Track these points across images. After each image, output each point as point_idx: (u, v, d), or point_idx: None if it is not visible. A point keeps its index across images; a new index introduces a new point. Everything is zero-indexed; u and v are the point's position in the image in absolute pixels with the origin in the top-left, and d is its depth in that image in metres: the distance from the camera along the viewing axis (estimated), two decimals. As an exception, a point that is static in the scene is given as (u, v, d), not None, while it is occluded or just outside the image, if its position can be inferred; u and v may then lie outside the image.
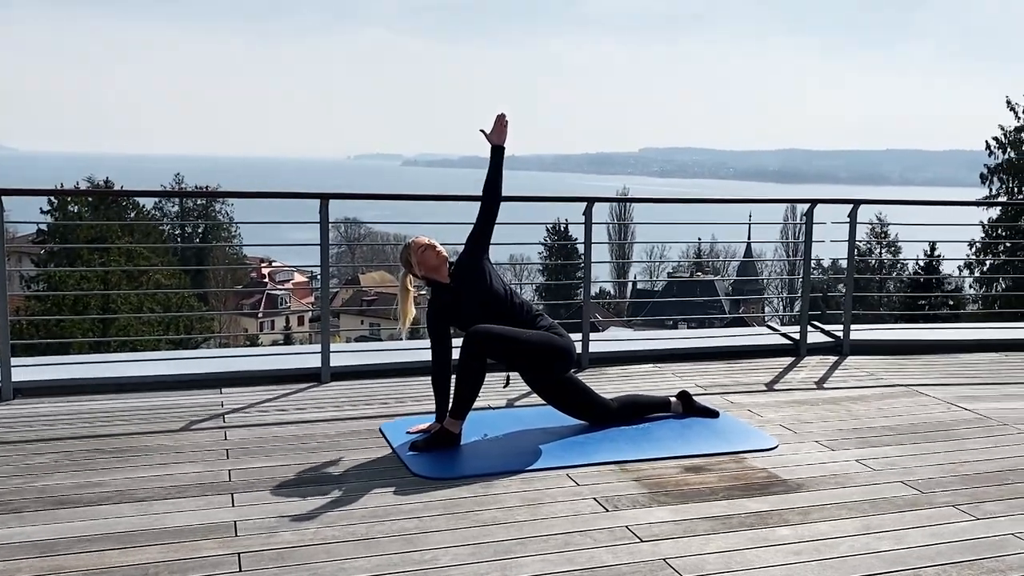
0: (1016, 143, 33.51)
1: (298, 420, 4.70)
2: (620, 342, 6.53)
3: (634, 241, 53.63)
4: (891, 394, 5.45)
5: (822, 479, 3.92)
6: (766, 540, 3.25)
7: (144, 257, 28.85)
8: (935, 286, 29.62)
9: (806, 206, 6.45)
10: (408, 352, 5.90)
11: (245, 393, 5.18)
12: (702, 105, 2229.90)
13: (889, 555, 3.13)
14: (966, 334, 7.32)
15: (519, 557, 3.07)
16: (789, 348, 6.56)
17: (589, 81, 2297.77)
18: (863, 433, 4.62)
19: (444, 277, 4.38)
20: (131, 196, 38.79)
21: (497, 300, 4.33)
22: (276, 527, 3.29)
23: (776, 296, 40.79)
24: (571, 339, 4.48)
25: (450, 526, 3.33)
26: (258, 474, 3.86)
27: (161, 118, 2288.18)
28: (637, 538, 3.24)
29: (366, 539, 3.20)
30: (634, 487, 3.77)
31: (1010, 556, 3.14)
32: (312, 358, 5.57)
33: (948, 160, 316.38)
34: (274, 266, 43.51)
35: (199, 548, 3.10)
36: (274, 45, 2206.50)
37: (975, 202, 10.98)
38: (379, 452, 4.19)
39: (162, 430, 4.48)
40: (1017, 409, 5.14)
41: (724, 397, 5.29)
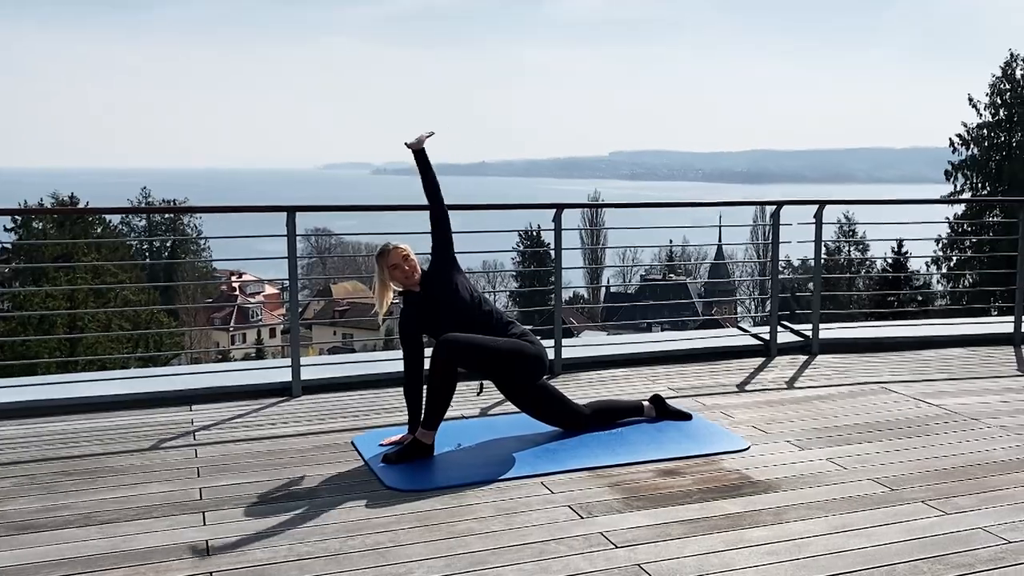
0: (979, 139, 34.08)
1: (269, 435, 4.65)
2: (592, 347, 6.54)
3: (606, 246, 53.81)
4: (860, 392, 5.50)
5: (794, 479, 3.94)
6: (741, 541, 3.26)
7: (112, 274, 28.50)
8: (904, 283, 29.96)
9: (773, 208, 6.51)
10: (379, 364, 5.87)
11: (215, 409, 5.12)
12: (670, 108, 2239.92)
13: (862, 553, 3.15)
14: (934, 330, 7.40)
15: (494, 567, 3.05)
16: (759, 349, 6.60)
17: (557, 86, 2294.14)
18: (833, 432, 4.66)
19: (415, 286, 4.36)
20: (96, 214, 38.37)
21: (466, 309, 4.32)
22: (248, 545, 3.25)
23: (748, 297, 41.09)
24: (543, 346, 4.48)
25: (423, 538, 3.31)
26: (229, 492, 3.81)
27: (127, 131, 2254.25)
28: (612, 544, 3.24)
29: (339, 554, 3.17)
30: (608, 493, 3.77)
31: (980, 550, 3.17)
32: (283, 372, 5.53)
33: (913, 158, 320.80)
34: (244, 279, 43.20)
35: (169, 569, 3.05)
36: (242, 56, 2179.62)
37: (939, 200, 11.12)
38: (351, 465, 4.16)
39: (130, 450, 4.42)
40: (985, 404, 5.21)
41: (696, 399, 5.31)
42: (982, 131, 34.14)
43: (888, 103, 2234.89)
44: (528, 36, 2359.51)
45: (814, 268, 6.72)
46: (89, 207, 26.23)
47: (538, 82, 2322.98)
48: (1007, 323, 7.29)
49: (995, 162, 33.78)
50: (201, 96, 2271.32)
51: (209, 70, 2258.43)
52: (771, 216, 6.46)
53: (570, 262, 53.80)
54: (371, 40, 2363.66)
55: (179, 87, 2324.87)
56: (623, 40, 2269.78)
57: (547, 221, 6.17)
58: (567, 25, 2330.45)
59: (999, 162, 33.66)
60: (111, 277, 28.20)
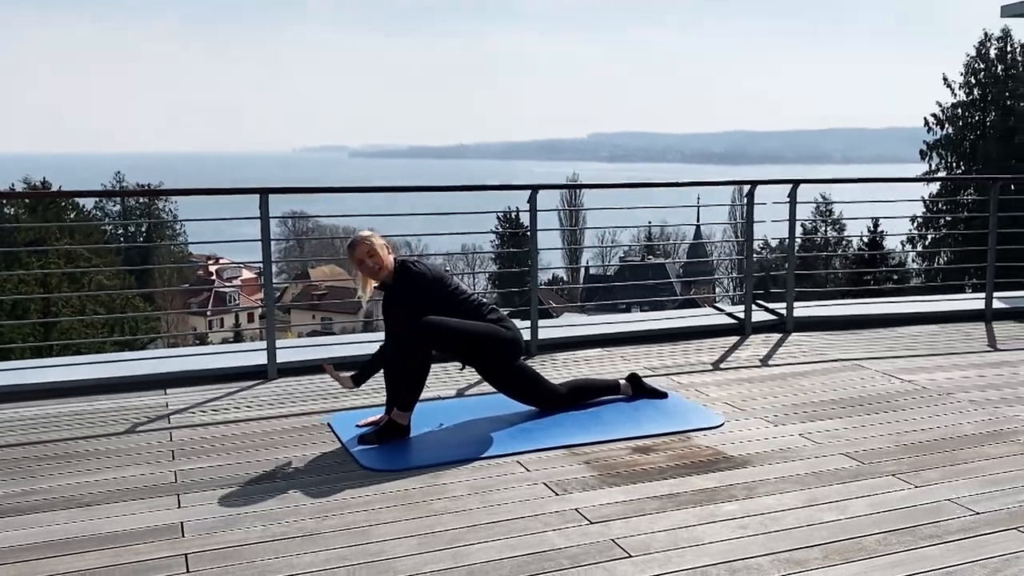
0: (953, 119, 34.33)
1: (245, 418, 4.64)
2: (568, 327, 6.56)
3: (585, 227, 53.88)
4: (834, 369, 5.56)
5: (767, 454, 3.98)
6: (713, 516, 3.30)
7: (85, 259, 28.21)
8: (879, 262, 30.23)
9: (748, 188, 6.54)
10: (356, 346, 5.86)
11: (190, 393, 5.10)
12: (648, 90, 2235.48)
13: (833, 525, 3.20)
14: (906, 308, 7.49)
15: (470, 544, 3.07)
16: (735, 328, 6.65)
17: (535, 68, 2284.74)
18: (807, 408, 4.71)
19: (388, 278, 4.35)
20: (69, 197, 37.91)
21: (441, 303, 4.28)
22: (223, 526, 3.25)
23: (726, 276, 41.34)
24: (518, 331, 4.49)
25: (400, 517, 3.32)
26: (204, 474, 3.81)
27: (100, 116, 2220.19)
28: (587, 520, 3.27)
29: (315, 534, 3.18)
30: (584, 470, 3.80)
31: (947, 521, 3.22)
32: (258, 355, 5.51)
33: (889, 138, 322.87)
34: (221, 263, 42.91)
35: (145, 551, 3.05)
36: (215, 39, 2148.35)
37: (911, 179, 11.21)
38: (328, 447, 4.16)
39: (105, 433, 4.40)
40: (954, 379, 5.28)
41: (671, 378, 5.34)
42: (956, 111, 34.40)
43: (865, 84, 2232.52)
44: (506, 18, 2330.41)
45: (788, 247, 6.77)
46: (61, 191, 25.93)
47: (516, 64, 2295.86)
48: (979, 300, 7.38)
49: (969, 141, 34.08)
50: (174, 80, 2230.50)
51: (181, 54, 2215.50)
52: (745, 196, 6.49)
53: (549, 244, 53.83)
54: (346, 24, 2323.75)
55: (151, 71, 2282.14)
56: (602, 22, 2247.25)
57: (525, 203, 6.19)
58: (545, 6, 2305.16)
59: (973, 141, 33.96)
60: (84, 262, 27.93)
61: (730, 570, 2.86)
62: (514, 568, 2.89)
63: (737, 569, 2.87)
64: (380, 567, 2.91)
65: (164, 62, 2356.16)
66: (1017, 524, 3.19)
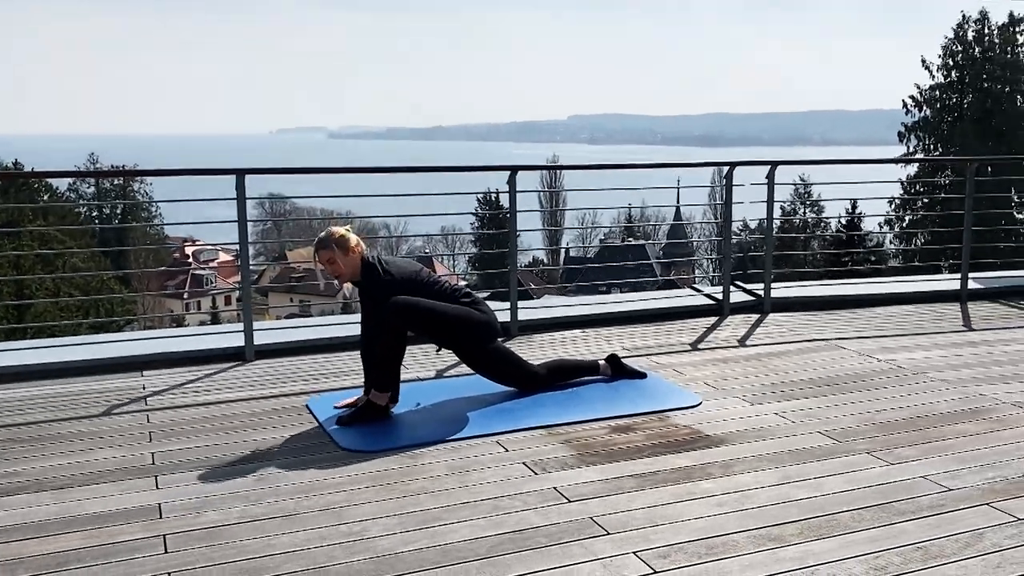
0: (931, 101, 34.52)
1: (222, 400, 4.62)
2: (547, 309, 6.56)
3: (565, 209, 53.85)
4: (810, 348, 5.60)
5: (743, 433, 4.01)
6: (690, 494, 3.32)
7: (59, 240, 27.89)
8: (858, 243, 30.46)
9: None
10: (334, 327, 5.85)
11: (167, 375, 5.07)
12: (629, 72, 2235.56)
13: (807, 502, 3.23)
14: (883, 288, 7.55)
15: (447, 524, 3.08)
16: (713, 308, 6.68)
17: (514, 49, 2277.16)
18: (783, 387, 4.74)
19: (356, 277, 4.33)
20: (42, 178, 37.45)
21: (414, 291, 4.26)
22: (202, 507, 3.24)
23: (706, 258, 41.49)
24: (493, 314, 4.49)
25: (378, 497, 3.32)
26: (182, 455, 3.79)
27: (73, 96, 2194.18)
28: (565, 498, 3.28)
29: (293, 515, 3.17)
30: (562, 450, 3.81)
31: (921, 497, 3.26)
32: (235, 337, 5.48)
33: (868, 120, 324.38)
34: (198, 245, 42.57)
35: (122, 532, 3.04)
36: (190, 17, 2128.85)
37: (887, 160, 11.26)
38: (306, 428, 4.15)
39: (81, 416, 4.36)
40: (929, 358, 5.33)
41: (650, 358, 5.36)
42: (935, 93, 34.60)
43: (844, 66, 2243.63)
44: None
45: (766, 228, 6.79)
46: (34, 171, 25.60)
47: (494, 45, 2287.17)
48: (954, 280, 7.45)
49: (947, 123, 34.31)
50: (148, 61, 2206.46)
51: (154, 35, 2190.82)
52: (724, 177, 6.50)
53: (529, 226, 53.81)
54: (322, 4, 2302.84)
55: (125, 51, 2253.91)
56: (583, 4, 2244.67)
57: (504, 184, 6.15)
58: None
59: (951, 123, 34.19)
60: (58, 244, 27.64)
61: (707, 547, 2.88)
62: (492, 546, 2.90)
63: (714, 546, 2.89)
64: (358, 547, 2.91)
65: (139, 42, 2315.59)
66: (989, 500, 3.23)
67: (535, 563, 2.78)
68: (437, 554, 2.85)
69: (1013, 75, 33.27)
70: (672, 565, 2.76)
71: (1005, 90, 33.39)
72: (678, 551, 2.86)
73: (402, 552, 2.87)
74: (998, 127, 32.29)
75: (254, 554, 2.87)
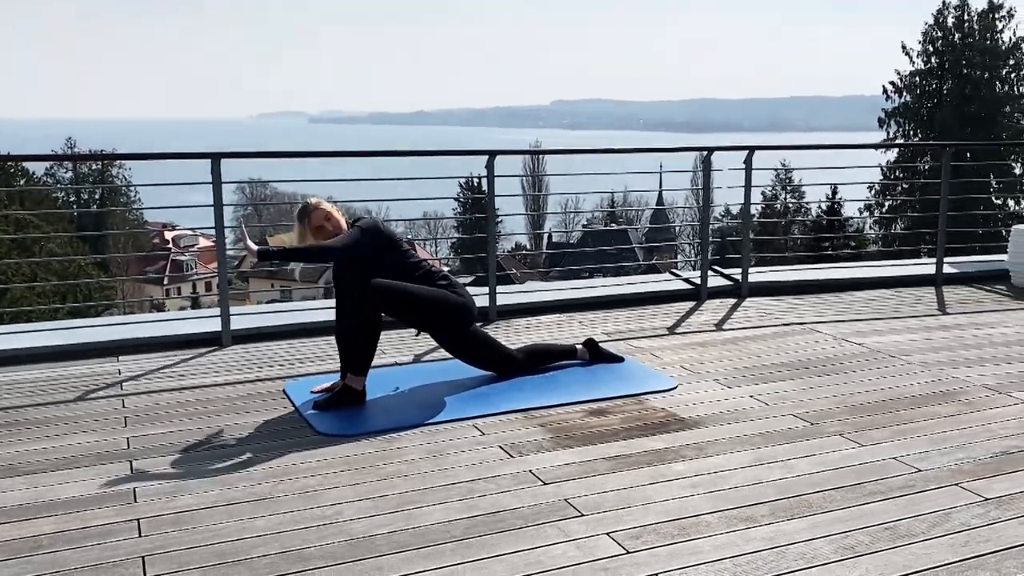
0: (911, 87, 34.68)
1: (198, 385, 4.61)
2: (527, 293, 6.57)
3: (548, 193, 53.84)
4: (786, 332, 5.64)
5: (718, 416, 4.04)
6: (663, 476, 3.35)
7: (35, 226, 27.60)
8: (837, 228, 30.63)
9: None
10: (311, 313, 5.84)
11: (143, 360, 5.05)
12: (612, 57, 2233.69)
13: (779, 484, 3.26)
14: (859, 273, 7.60)
15: (422, 507, 3.09)
16: (691, 293, 6.71)
17: (497, 33, 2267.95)
18: (758, 371, 4.78)
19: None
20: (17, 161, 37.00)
21: (392, 266, 4.26)
22: (176, 492, 3.24)
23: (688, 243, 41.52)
24: (470, 297, 4.49)
25: (352, 481, 3.33)
26: (157, 440, 3.78)
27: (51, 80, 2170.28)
28: (540, 481, 3.30)
29: (268, 498, 3.17)
30: (538, 433, 3.83)
31: (891, 479, 3.30)
32: (212, 322, 5.46)
33: (850, 106, 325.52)
34: (178, 231, 42.23)
35: (95, 517, 3.03)
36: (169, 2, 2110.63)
37: (866, 145, 11.32)
38: (282, 413, 4.15)
39: (55, 401, 4.34)
40: (903, 342, 5.38)
41: (627, 342, 5.38)
42: (914, 79, 34.77)
43: (826, 51, 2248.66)
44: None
45: (743, 214, 6.82)
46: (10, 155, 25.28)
47: (477, 28, 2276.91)
48: (930, 265, 7.52)
49: (927, 109, 34.50)
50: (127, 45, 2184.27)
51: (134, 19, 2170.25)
52: (702, 163, 6.52)
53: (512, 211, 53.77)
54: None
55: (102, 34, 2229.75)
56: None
57: (484, 170, 6.15)
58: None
59: (930, 109, 34.38)
60: (35, 229, 27.37)
61: (679, 527, 2.91)
62: (466, 528, 2.92)
63: (686, 526, 2.92)
64: (331, 530, 2.92)
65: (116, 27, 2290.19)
66: (958, 480, 3.28)
67: (509, 545, 2.80)
68: (411, 537, 2.86)
69: (992, 61, 33.49)
70: (644, 545, 2.79)
71: (984, 76, 33.60)
72: (650, 532, 2.88)
73: (376, 535, 2.88)
74: (976, 113, 32.50)
75: (228, 538, 2.87)
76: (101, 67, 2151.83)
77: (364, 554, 2.75)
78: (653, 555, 2.73)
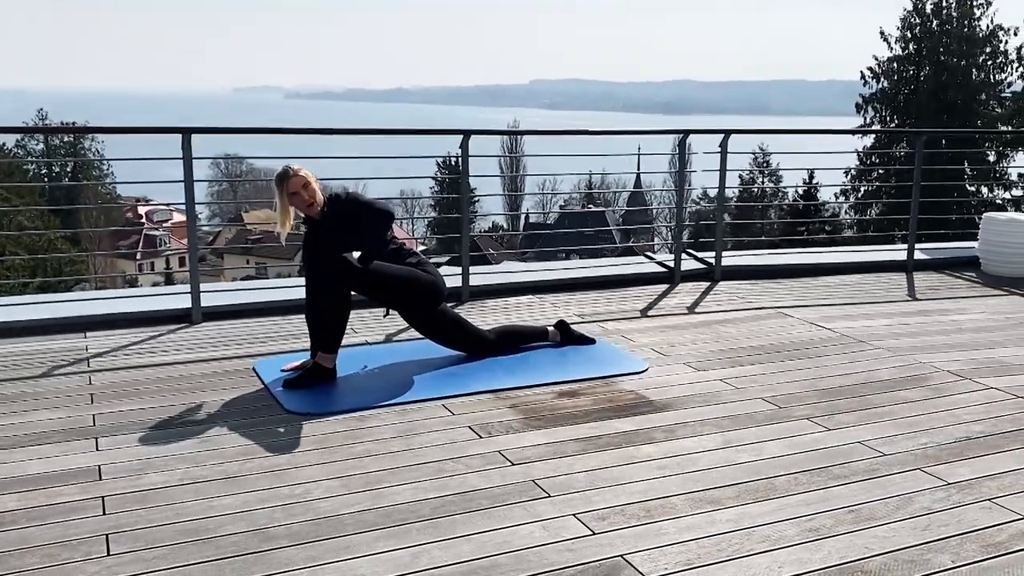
0: (889, 73, 34.80)
1: (168, 362, 4.57)
2: (500, 274, 6.57)
3: (525, 174, 53.71)
4: (758, 316, 5.67)
5: (688, 398, 4.06)
6: (632, 458, 3.36)
7: (3, 198, 27.18)
8: (813, 213, 30.80)
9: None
10: (282, 290, 5.80)
11: (112, 336, 5.00)
12: (592, 36, 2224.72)
13: (747, 466, 3.29)
14: (831, 258, 7.66)
15: (391, 486, 3.09)
16: (664, 276, 6.73)
17: (478, 11, 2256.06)
18: (730, 354, 4.81)
19: (316, 215, 4.28)
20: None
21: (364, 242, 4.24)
22: (143, 469, 3.21)
23: (665, 226, 41.70)
24: (440, 275, 4.48)
25: (321, 460, 3.32)
26: (124, 417, 3.75)
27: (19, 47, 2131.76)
28: (508, 461, 3.31)
29: (236, 476, 3.16)
30: (508, 414, 3.84)
31: (857, 462, 3.34)
32: (182, 298, 5.41)
33: (829, 90, 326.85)
34: (151, 205, 41.69)
35: (60, 494, 3.00)
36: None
37: (842, 131, 11.37)
38: (251, 391, 4.12)
39: (21, 376, 4.29)
40: (871, 327, 5.43)
41: (599, 324, 5.39)
42: (892, 65, 34.87)
43: (807, 35, 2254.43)
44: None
45: (718, 196, 6.84)
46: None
47: (457, 5, 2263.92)
48: (901, 251, 7.58)
49: (904, 95, 34.64)
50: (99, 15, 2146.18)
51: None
52: (678, 145, 6.52)
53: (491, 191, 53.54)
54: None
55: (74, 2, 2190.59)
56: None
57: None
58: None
59: (907, 95, 34.52)
60: (3, 202, 26.95)
61: (645, 509, 2.93)
62: (434, 508, 2.92)
63: (652, 508, 2.94)
64: (299, 508, 2.92)
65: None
66: (921, 464, 3.32)
67: (477, 525, 2.81)
68: (379, 516, 2.86)
69: (969, 49, 33.65)
70: (610, 527, 2.80)
71: (961, 64, 33.78)
72: (617, 513, 2.90)
73: (343, 514, 2.88)
74: (952, 100, 32.69)
75: (194, 516, 2.86)
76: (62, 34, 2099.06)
77: (331, 533, 2.75)
78: (619, 536, 2.75)
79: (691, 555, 2.64)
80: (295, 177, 4.20)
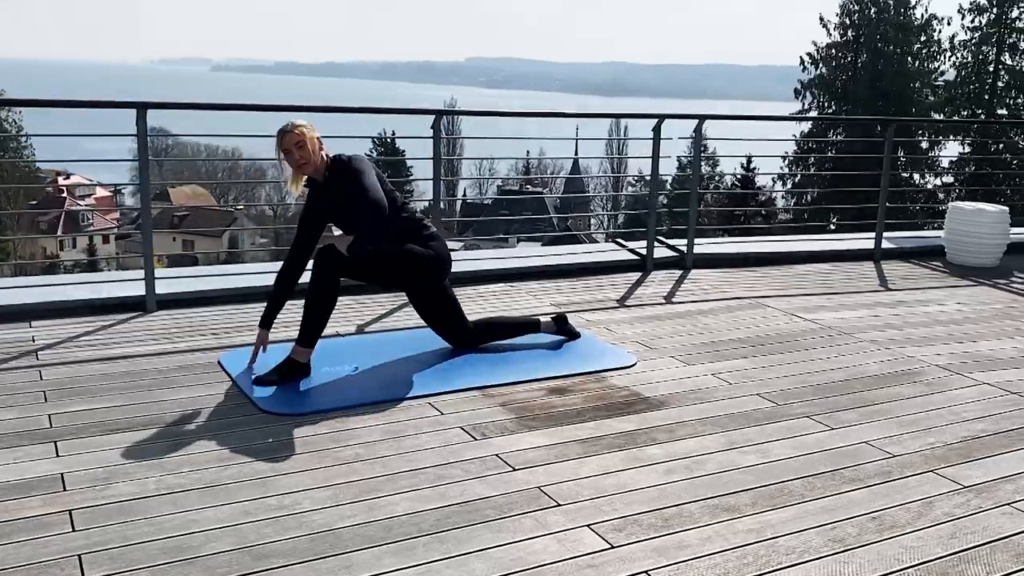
0: (827, 59, 35.34)
1: (125, 355, 4.24)
2: (469, 261, 6.35)
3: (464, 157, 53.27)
4: (738, 307, 5.57)
5: (682, 395, 3.92)
6: (637, 460, 3.20)
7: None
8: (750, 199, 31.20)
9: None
10: (243, 277, 5.51)
11: (60, 326, 4.64)
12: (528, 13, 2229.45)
13: (757, 469, 3.15)
14: (798, 246, 7.63)
15: (387, 495, 2.87)
16: (636, 264, 6.58)
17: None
18: (715, 347, 4.68)
19: (318, 175, 3.98)
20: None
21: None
22: (111, 478, 2.93)
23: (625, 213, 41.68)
24: (446, 249, 4.22)
25: (308, 466, 3.08)
26: (84, 418, 3.44)
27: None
28: (509, 467, 3.12)
29: (216, 485, 2.90)
30: (500, 413, 3.64)
31: (867, 464, 3.23)
32: (135, 285, 5.06)
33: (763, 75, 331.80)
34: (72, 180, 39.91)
35: (22, 507, 2.71)
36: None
37: (810, 117, 11.45)
38: (220, 387, 3.84)
39: (-37, 372, 3.94)
40: (851, 319, 5.37)
41: (578, 315, 5.22)
42: (831, 51, 35.42)
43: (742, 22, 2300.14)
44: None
45: (692, 183, 6.72)
46: None
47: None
48: (867, 239, 7.58)
49: (841, 82, 35.22)
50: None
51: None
52: (653, 131, 6.35)
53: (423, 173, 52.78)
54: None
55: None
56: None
57: (416, 128, 5.86)
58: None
59: (845, 82, 35.11)
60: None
61: (662, 518, 2.77)
62: (437, 520, 2.72)
63: (668, 516, 2.78)
64: (291, 521, 2.68)
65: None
66: (932, 466, 3.22)
67: (485, 539, 2.61)
68: (379, 530, 2.65)
69: (904, 36, 34.33)
70: (629, 539, 2.63)
71: (896, 51, 34.46)
72: (632, 523, 2.73)
73: (340, 528, 2.65)
74: (887, 87, 33.34)
75: (175, 531, 2.60)
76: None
77: (329, 550, 2.52)
78: (640, 549, 2.58)
79: (718, 570, 2.48)
80: (289, 134, 3.89)
